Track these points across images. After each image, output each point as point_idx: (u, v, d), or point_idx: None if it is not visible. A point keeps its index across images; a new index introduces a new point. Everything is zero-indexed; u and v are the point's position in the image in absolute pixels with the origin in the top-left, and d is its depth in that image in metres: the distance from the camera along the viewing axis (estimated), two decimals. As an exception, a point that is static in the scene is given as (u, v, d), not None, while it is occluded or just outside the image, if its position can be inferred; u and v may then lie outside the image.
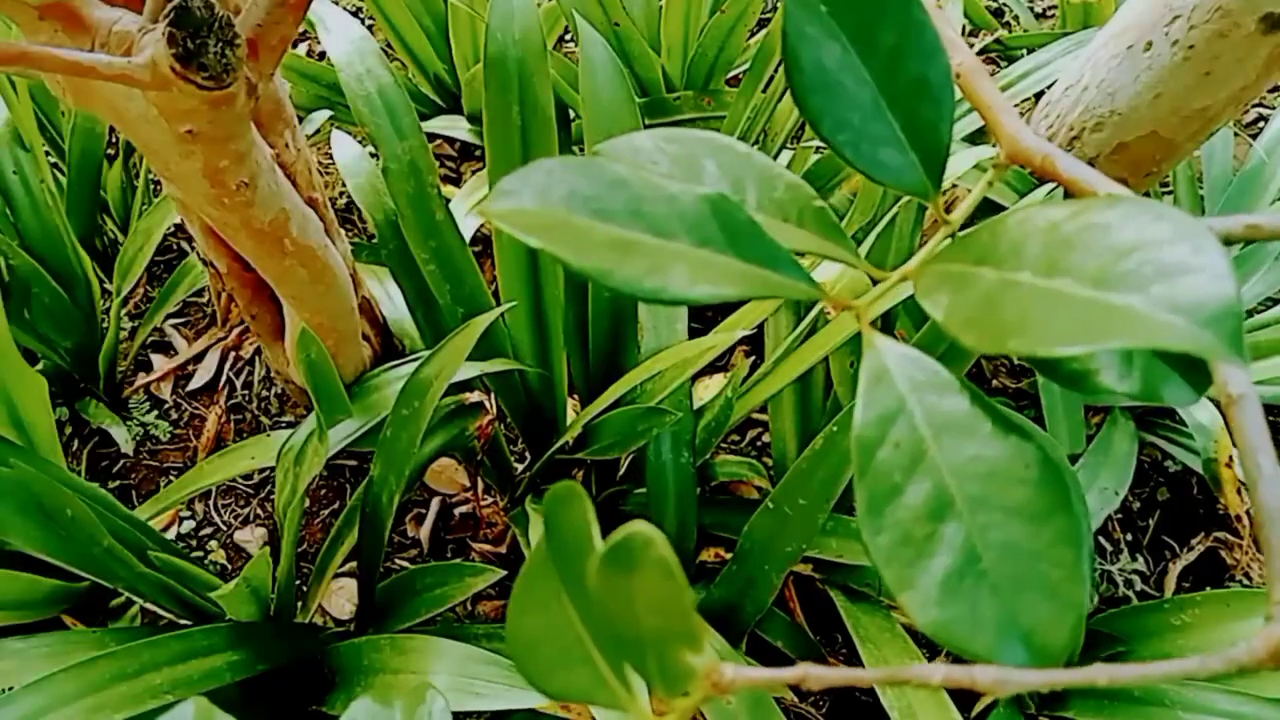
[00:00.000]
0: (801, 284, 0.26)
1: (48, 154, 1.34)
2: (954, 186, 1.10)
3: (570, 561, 0.23)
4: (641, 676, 0.20)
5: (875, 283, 0.30)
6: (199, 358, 1.47)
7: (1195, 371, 0.26)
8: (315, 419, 0.90)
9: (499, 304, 1.07)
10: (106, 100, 0.62)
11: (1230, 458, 1.19)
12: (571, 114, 1.35)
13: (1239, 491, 1.18)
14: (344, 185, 1.62)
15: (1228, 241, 0.25)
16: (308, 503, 1.34)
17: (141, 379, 1.44)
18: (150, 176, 1.40)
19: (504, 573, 1.04)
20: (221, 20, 0.57)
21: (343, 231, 1.04)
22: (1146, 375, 0.26)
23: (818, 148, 1.25)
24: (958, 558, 0.23)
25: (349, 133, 1.19)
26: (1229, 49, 0.84)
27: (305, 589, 1.20)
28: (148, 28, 0.59)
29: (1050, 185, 0.96)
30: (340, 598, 1.29)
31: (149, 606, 1.08)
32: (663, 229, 0.26)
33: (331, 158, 1.64)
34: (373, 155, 1.27)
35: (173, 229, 1.43)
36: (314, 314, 0.89)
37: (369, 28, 1.85)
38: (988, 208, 1.06)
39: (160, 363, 1.46)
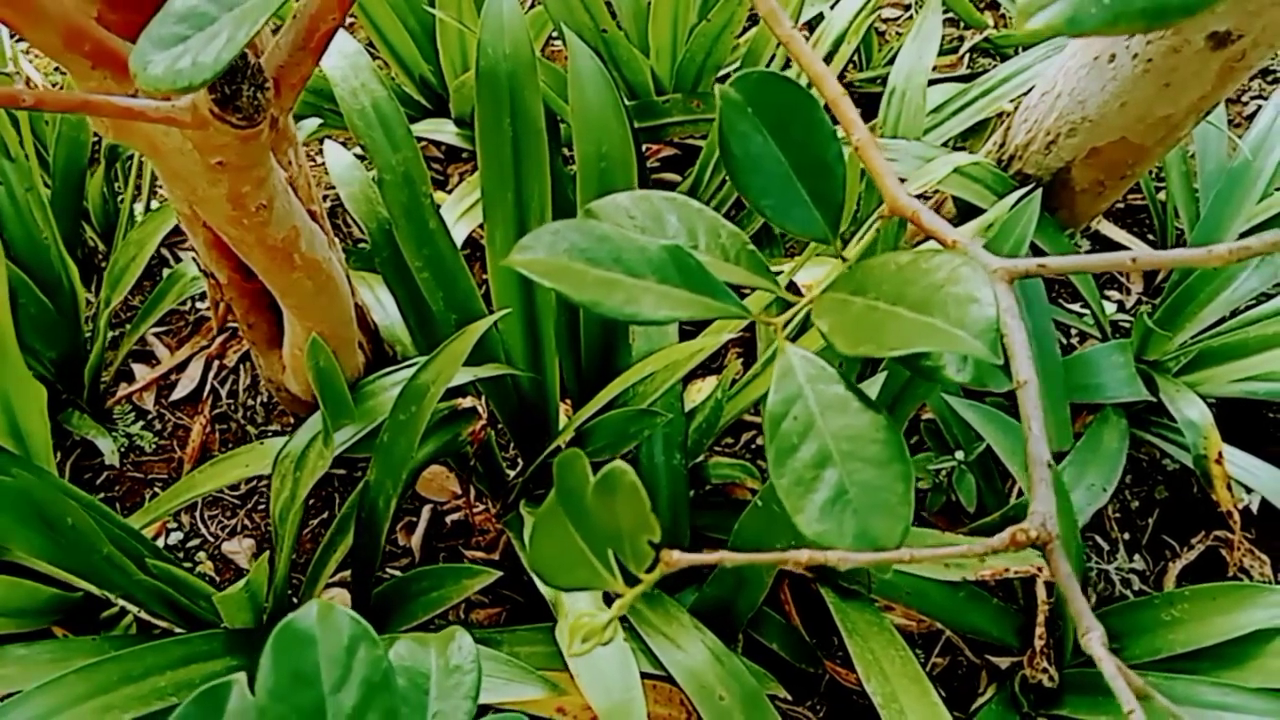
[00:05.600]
0: (733, 308, 0.42)
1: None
2: (937, 192, 1.27)
3: (573, 500, 0.39)
4: (621, 560, 0.36)
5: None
6: (182, 366, 1.62)
7: (1008, 368, 0.42)
8: (321, 422, 1.06)
9: (490, 309, 1.22)
10: (145, 136, 0.78)
11: (1220, 454, 1.34)
12: (561, 120, 1.51)
13: (1229, 487, 1.34)
14: (329, 189, 1.78)
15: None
16: (298, 512, 1.49)
17: (124, 389, 1.60)
18: (136, 184, 1.56)
19: (500, 574, 1.20)
20: (254, 68, 0.73)
21: (336, 240, 1.19)
22: (978, 369, 0.42)
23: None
24: (833, 492, 0.38)
25: (334, 138, 1.35)
26: (1183, 63, 1.01)
27: (296, 600, 1.35)
28: (185, 72, 0.75)
29: (1018, 192, 1.12)
30: (332, 608, 1.44)
31: (143, 616, 1.23)
32: (636, 270, 0.42)
33: (316, 160, 1.80)
34: (360, 158, 1.43)
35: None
36: (316, 323, 1.05)
37: (349, 28, 2.01)
38: (967, 209, 1.22)
39: (143, 372, 1.62)
